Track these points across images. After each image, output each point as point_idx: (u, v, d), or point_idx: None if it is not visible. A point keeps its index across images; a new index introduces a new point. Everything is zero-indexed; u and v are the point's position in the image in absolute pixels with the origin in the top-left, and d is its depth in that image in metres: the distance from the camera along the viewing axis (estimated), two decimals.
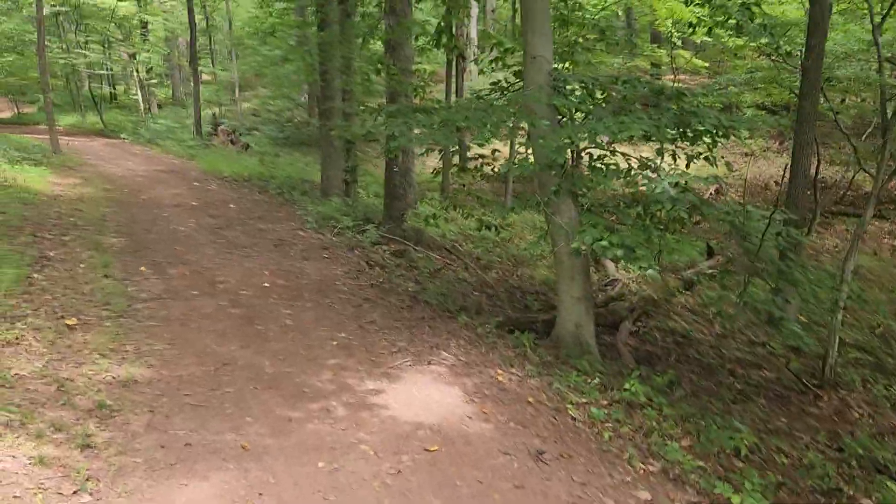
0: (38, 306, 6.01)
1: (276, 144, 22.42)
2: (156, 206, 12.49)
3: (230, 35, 25.59)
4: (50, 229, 9.67)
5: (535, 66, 6.32)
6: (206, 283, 7.76)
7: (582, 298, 6.55)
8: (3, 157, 14.83)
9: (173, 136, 23.39)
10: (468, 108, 6.54)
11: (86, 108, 31.22)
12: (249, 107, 28.13)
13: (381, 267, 9.16)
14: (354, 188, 12.82)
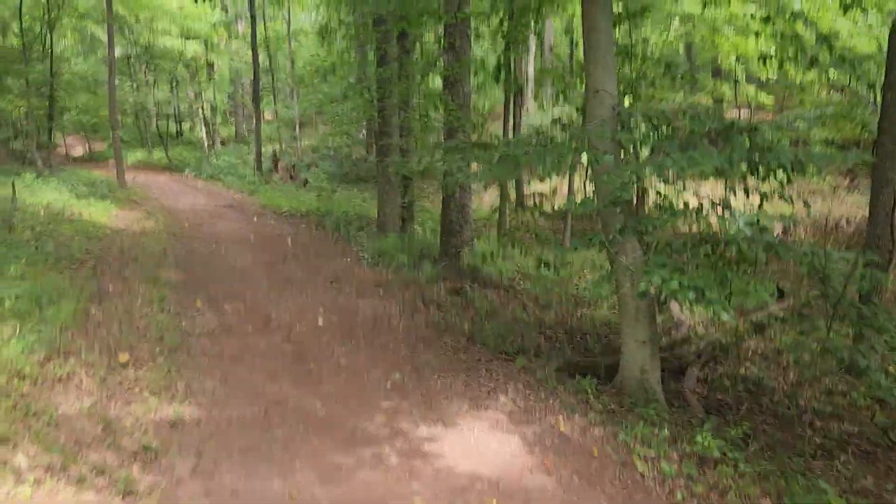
0: (93, 341, 5.99)
1: (333, 180, 22.66)
2: (214, 240, 12.65)
3: (292, 74, 26.19)
4: (111, 263, 9.82)
5: (598, 101, 6.09)
6: (260, 319, 7.69)
7: (647, 342, 6.19)
8: (71, 192, 15.33)
9: (235, 172, 23.91)
10: (528, 143, 6.35)
11: (153, 144, 32.31)
12: (309, 143, 28.63)
13: (437, 305, 8.96)
14: (411, 224, 12.73)
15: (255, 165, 23.41)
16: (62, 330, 6.02)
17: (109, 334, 6.45)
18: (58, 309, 6.47)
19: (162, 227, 13.68)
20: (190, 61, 28.87)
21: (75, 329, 6.25)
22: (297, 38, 29.47)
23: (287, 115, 29.14)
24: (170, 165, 28.33)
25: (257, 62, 23.31)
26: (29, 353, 4.99)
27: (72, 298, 7.21)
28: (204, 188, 22.05)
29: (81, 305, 7.16)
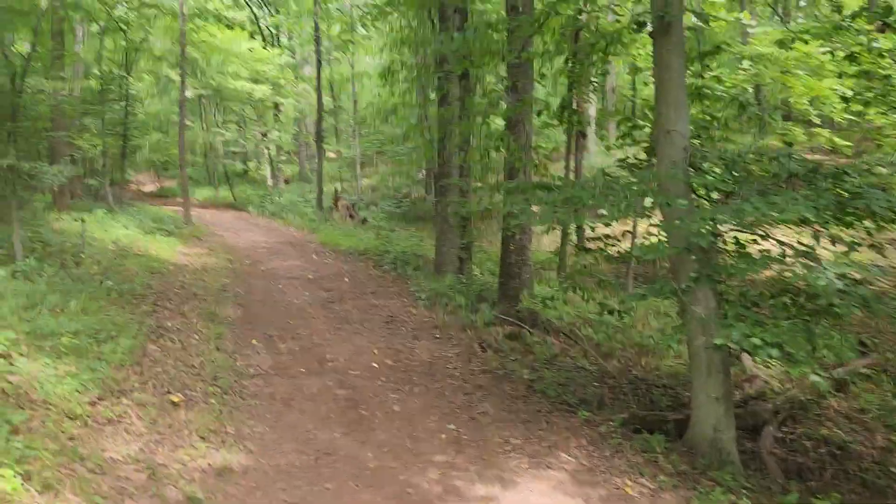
0: (147, 380, 5.93)
1: (392, 219, 22.72)
2: (273, 277, 12.69)
3: (355, 115, 26.62)
4: (171, 298, 9.89)
5: (669, 141, 5.81)
6: (314, 359, 7.55)
7: (721, 399, 5.76)
8: (139, 228, 15.72)
9: (296, 210, 24.25)
10: (594, 185, 6.09)
11: (219, 182, 33.20)
12: (369, 183, 28.96)
13: (495, 350, 8.67)
14: (468, 265, 12.52)
15: (315, 204, 23.71)
16: (118, 367, 5.98)
17: (164, 372, 6.39)
18: (116, 345, 6.45)
19: (223, 263, 13.84)
20: (257, 102, 29.70)
21: (131, 367, 6.20)
22: (361, 81, 30.09)
23: (349, 154, 29.60)
24: (234, 203, 29.00)
25: (321, 103, 23.79)
26: (82, 391, 4.93)
27: (130, 335, 7.22)
28: (266, 225, 22.40)
29: (139, 342, 7.15)
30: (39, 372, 4.86)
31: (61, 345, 5.63)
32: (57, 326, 6.09)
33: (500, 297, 10.33)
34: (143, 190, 34.87)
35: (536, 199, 6.03)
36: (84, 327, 6.59)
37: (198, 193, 33.53)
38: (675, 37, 5.78)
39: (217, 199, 31.06)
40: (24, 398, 4.45)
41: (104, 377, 5.44)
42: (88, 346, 6.09)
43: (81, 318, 6.91)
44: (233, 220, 23.86)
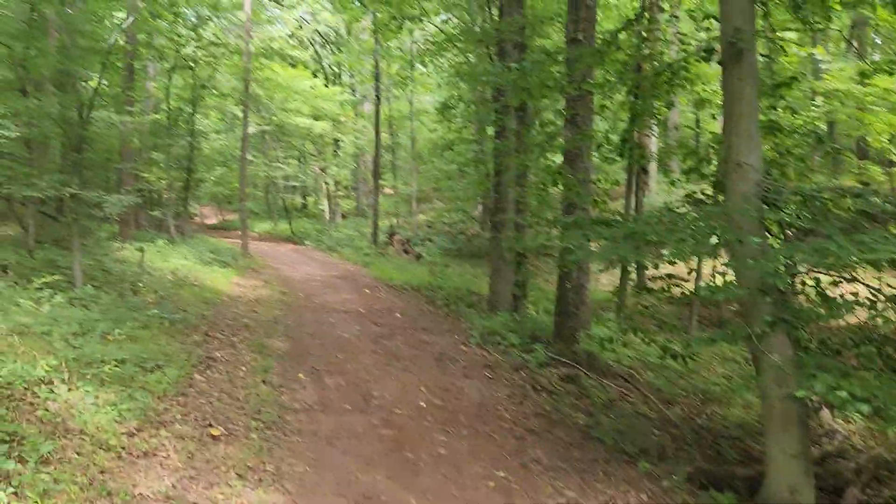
0: (189, 411, 5.78)
1: (447, 255, 22.56)
2: (325, 310, 12.59)
3: (412, 152, 26.78)
4: (223, 329, 9.85)
5: (740, 175, 5.44)
6: (360, 396, 7.31)
7: (798, 456, 5.25)
8: (197, 259, 15.93)
9: (351, 244, 24.38)
10: (658, 220, 5.74)
11: (278, 216, 33.78)
12: (425, 218, 28.96)
13: (549, 392, 8.27)
14: (523, 303, 12.18)
15: (371, 238, 23.78)
16: (161, 398, 5.86)
17: (208, 404, 6.25)
18: (161, 375, 6.36)
19: (276, 295, 13.84)
20: (317, 138, 30.25)
21: (175, 397, 6.08)
22: (419, 118, 30.37)
23: (405, 190, 29.75)
24: (292, 237, 29.40)
25: (379, 139, 24.02)
26: (120, 421, 4.80)
27: (178, 365, 7.14)
28: (321, 259, 22.52)
29: (186, 372, 7.06)
30: (79, 400, 4.76)
31: (105, 373, 5.54)
32: (104, 354, 6.03)
33: (556, 336, 9.96)
34: (206, 222, 35.79)
35: (595, 235, 5.72)
36: (132, 356, 6.52)
37: (257, 226, 34.20)
38: (746, 64, 5.45)
39: (276, 233, 31.57)
40: (60, 427, 4.34)
41: (145, 407, 5.31)
42: (133, 375, 6.00)
43: (130, 347, 6.86)
44: (289, 252, 24.10)
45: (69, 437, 4.25)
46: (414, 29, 20.79)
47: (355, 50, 28.46)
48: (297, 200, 36.95)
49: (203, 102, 24.50)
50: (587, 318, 10.04)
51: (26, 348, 5.30)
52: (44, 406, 4.46)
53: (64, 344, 5.89)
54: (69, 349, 5.76)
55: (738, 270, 5.31)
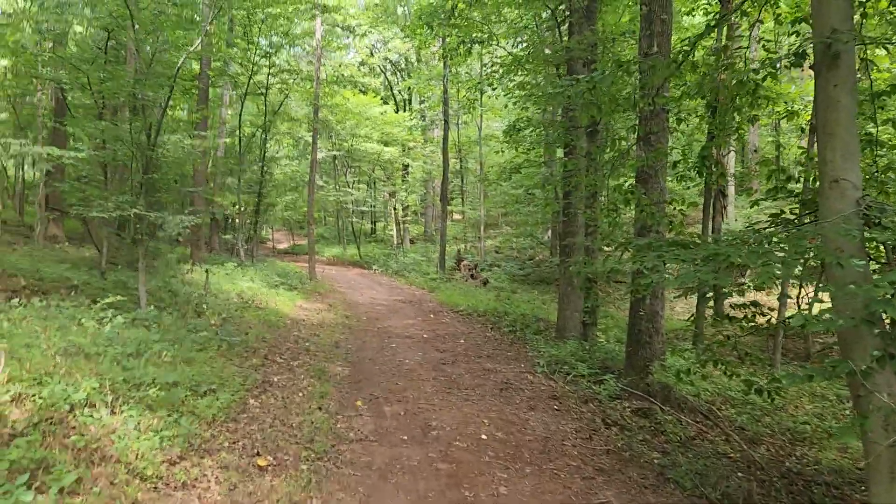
0: (238, 439, 5.54)
1: (514, 281, 22.16)
2: (388, 335, 12.35)
3: (480, 177, 26.57)
4: (283, 353, 9.70)
5: (837, 192, 4.86)
6: (418, 427, 6.95)
7: None
8: (263, 282, 16.01)
9: (418, 269, 24.25)
10: (741, 242, 5.20)
11: (347, 241, 34.12)
12: (493, 244, 28.66)
13: (620, 427, 7.72)
14: (593, 331, 11.62)
15: (438, 263, 23.58)
16: (210, 423, 5.66)
17: (259, 431, 6.02)
18: (213, 399, 6.17)
19: (340, 319, 13.71)
20: (386, 163, 30.47)
21: (225, 423, 5.87)
22: (487, 143, 30.22)
23: (474, 216, 29.55)
24: (360, 261, 29.57)
25: (447, 164, 23.89)
26: (162, 448, 4.59)
27: (233, 389, 6.97)
28: (387, 283, 22.44)
29: (240, 397, 6.88)
30: (120, 425, 4.58)
31: (153, 396, 5.38)
32: (155, 376, 5.88)
33: (628, 367, 9.37)
34: (278, 247, 36.45)
35: (672, 258, 5.23)
36: (184, 378, 6.38)
37: (326, 251, 34.60)
38: (844, 69, 4.90)
39: (345, 257, 31.83)
40: (95, 453, 4.15)
41: (190, 434, 5.10)
42: (184, 399, 5.83)
43: (184, 369, 6.72)
44: (356, 277, 24.14)
45: (103, 465, 4.05)
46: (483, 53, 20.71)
47: (425, 75, 28.56)
48: (366, 226, 37.28)
49: (275, 128, 25.02)
50: (661, 348, 9.42)
51: (74, 369, 5.19)
52: (81, 430, 4.29)
53: (114, 365, 5.78)
54: (119, 371, 5.64)
55: (836, 297, 4.72)
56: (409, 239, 33.63)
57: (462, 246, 28.46)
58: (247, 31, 18.79)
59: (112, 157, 9.88)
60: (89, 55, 10.40)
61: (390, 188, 32.03)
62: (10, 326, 5.93)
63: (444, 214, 24.21)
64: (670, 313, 14.76)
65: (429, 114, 32.67)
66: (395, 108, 32.94)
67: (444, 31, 19.95)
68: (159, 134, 9.36)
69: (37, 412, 4.20)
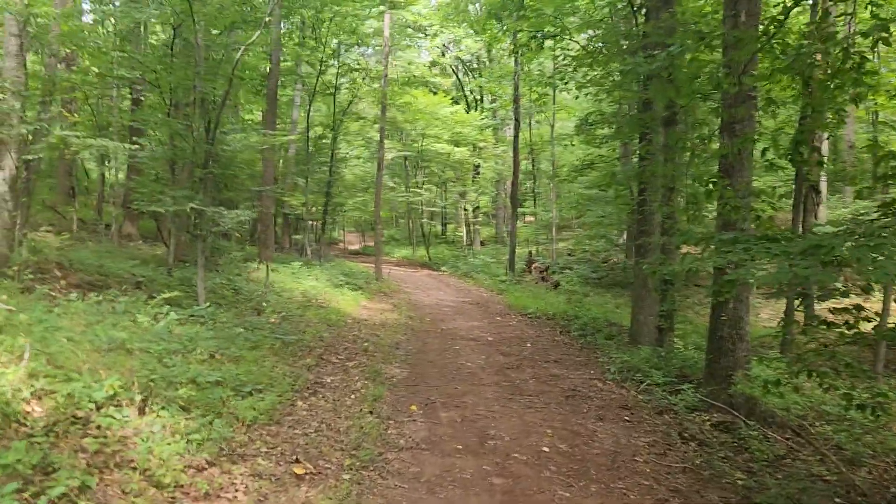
0: (278, 444, 5.17)
1: (587, 284, 21.34)
2: (451, 337, 11.88)
3: (552, 174, 25.80)
4: (339, 353, 9.37)
5: None
6: (475, 435, 6.44)
7: None
8: (328, 281, 15.84)
9: (487, 271, 23.73)
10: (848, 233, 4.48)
11: (417, 242, 33.93)
12: (565, 246, 27.85)
13: (699, 443, 6.99)
14: (669, 336, 10.80)
15: (507, 265, 22.99)
16: (249, 426, 5.31)
17: (304, 435, 5.64)
18: (257, 400, 5.84)
19: (403, 319, 13.34)
20: (456, 164, 30.09)
21: (265, 426, 5.52)
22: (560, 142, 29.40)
23: (545, 217, 28.82)
24: (429, 262, 29.29)
25: (517, 163, 23.28)
26: (189, 453, 4.24)
27: (280, 389, 6.64)
28: (455, 285, 22.02)
29: (287, 398, 6.54)
30: (146, 426, 4.26)
31: (190, 396, 5.05)
32: (198, 375, 5.59)
33: (708, 376, 8.57)
34: (349, 248, 36.63)
35: (762, 251, 4.55)
36: (229, 378, 6.08)
37: (396, 252, 34.51)
38: None
39: (414, 259, 31.66)
40: (112, 457, 3.83)
41: (224, 437, 4.75)
42: (224, 399, 5.50)
43: (230, 368, 6.44)
44: (424, 278, 23.83)
45: (117, 471, 3.71)
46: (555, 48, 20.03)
47: (496, 73, 28.03)
48: (436, 227, 37.05)
49: (345, 129, 25.01)
50: (746, 357, 8.57)
51: (109, 365, 4.93)
52: (101, 432, 3.98)
53: (155, 362, 5.50)
54: (159, 368, 5.36)
55: None
56: (479, 241, 33.15)
57: (534, 248, 27.75)
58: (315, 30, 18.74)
59: (173, 154, 9.82)
60: (158, 54, 10.38)
61: (460, 188, 31.61)
62: (54, 319, 5.75)
63: (515, 215, 23.60)
64: (755, 320, 13.73)
65: (500, 112, 32.10)
66: (467, 108, 32.52)
67: (514, 26, 19.40)
68: (218, 128, 9.19)
69: (57, 410, 3.92)
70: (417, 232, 34.23)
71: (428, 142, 29.16)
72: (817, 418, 8.17)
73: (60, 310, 6.71)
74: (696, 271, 6.61)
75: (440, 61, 34.85)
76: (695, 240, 6.60)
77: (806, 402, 8.36)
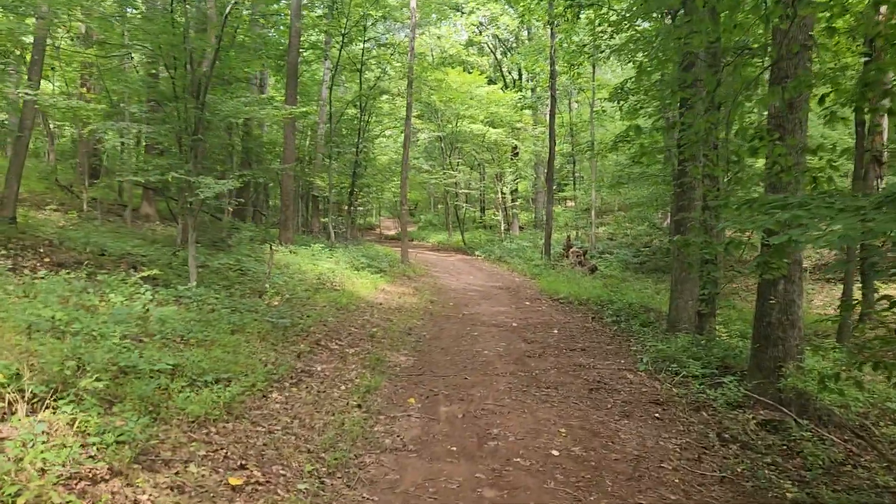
0: (224, 445, 4.34)
1: (626, 269, 20.19)
2: (471, 322, 10.98)
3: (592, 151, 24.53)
4: (341, 339, 8.56)
5: None
6: (474, 434, 5.53)
7: None
8: (349, 264, 15.06)
9: (522, 255, 22.73)
10: None
11: (454, 227, 33.04)
12: (606, 230, 26.64)
13: (741, 445, 5.95)
14: (710, 323, 9.67)
15: (543, 249, 21.92)
16: (193, 423, 4.48)
17: (265, 435, 4.81)
18: (216, 392, 5.02)
19: (422, 304, 12.48)
20: (492, 145, 29.03)
21: (214, 423, 4.69)
22: (602, 123, 28.06)
23: (584, 200, 27.60)
24: (464, 247, 28.41)
25: (553, 139, 22.11)
26: (85, 461, 3.40)
27: (256, 378, 5.82)
28: (487, 269, 21.09)
29: (260, 388, 5.72)
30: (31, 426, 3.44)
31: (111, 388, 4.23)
32: (142, 361, 4.79)
33: (753, 368, 7.48)
34: (386, 233, 35.93)
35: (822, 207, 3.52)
36: (188, 365, 5.29)
37: (432, 237, 33.69)
38: None
39: (449, 243, 30.83)
40: None
41: (152, 438, 3.94)
42: (165, 390, 4.70)
43: (195, 354, 5.64)
44: (456, 262, 22.95)
45: None
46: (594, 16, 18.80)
47: (532, 49, 26.80)
48: (474, 213, 36.08)
49: (377, 109, 24.18)
50: (798, 346, 7.43)
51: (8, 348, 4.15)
52: None
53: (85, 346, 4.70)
54: (90, 352, 4.56)
55: None
56: (517, 225, 32.07)
57: (573, 233, 26.58)
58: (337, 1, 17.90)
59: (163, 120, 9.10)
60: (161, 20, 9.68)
61: (496, 170, 30.52)
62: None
63: (550, 195, 22.45)
64: (807, 307, 12.48)
65: (538, 89, 30.85)
66: (504, 88, 31.34)
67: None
68: (208, 92, 8.41)
69: None
70: (454, 217, 33.35)
71: (463, 123, 28.16)
72: (882, 417, 7.01)
73: (14, 287, 6.01)
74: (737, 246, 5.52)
75: (477, 39, 33.72)
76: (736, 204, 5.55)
77: (868, 398, 7.20)
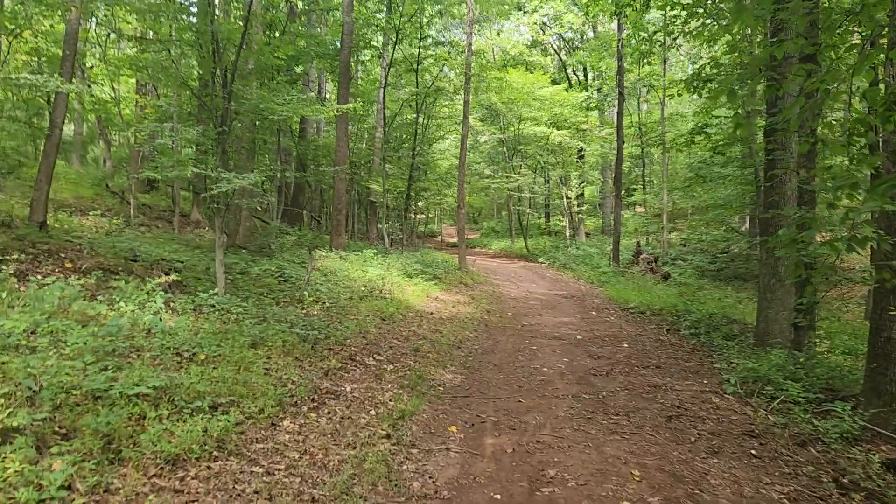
0: (202, 495, 3.43)
1: (702, 276, 18.66)
2: (531, 334, 9.90)
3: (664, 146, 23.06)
4: (380, 353, 7.62)
5: None
6: (524, 476, 4.48)
7: None
8: (401, 271, 14.20)
9: (588, 262, 21.45)
10: None
11: (517, 233, 31.94)
12: (679, 236, 25.04)
13: (867, 495, 4.69)
14: (809, 337, 8.29)
15: (611, 255, 20.59)
16: (167, 464, 3.60)
17: (264, 475, 3.90)
18: (209, 422, 4.14)
19: (478, 314, 11.46)
20: (556, 147, 27.82)
21: (206, 461, 3.80)
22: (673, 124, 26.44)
23: (656, 204, 26.06)
24: (527, 254, 27.29)
25: (621, 139, 20.80)
26: None
27: (266, 402, 4.93)
28: (551, 276, 19.90)
29: (269, 413, 4.82)
30: None
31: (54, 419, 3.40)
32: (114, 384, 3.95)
33: (870, 392, 6.16)
34: (448, 240, 35.09)
35: None
36: (180, 387, 4.43)
37: (494, 244, 32.66)
38: None
39: (512, 250, 29.79)
40: None
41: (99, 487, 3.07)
42: (150, 421, 3.84)
43: (194, 372, 4.79)
44: (518, 269, 21.85)
45: None
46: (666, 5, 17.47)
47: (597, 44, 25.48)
48: (539, 219, 34.86)
49: (436, 112, 23.36)
50: None
51: None
52: None
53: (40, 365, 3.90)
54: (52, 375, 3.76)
55: None
56: (584, 231, 30.68)
57: (643, 239, 25.08)
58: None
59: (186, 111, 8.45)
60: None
61: (561, 172, 29.23)
62: None
63: (618, 197, 21.11)
64: None
65: (604, 88, 29.43)
66: (568, 89, 30.06)
67: None
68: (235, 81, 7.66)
69: None
70: (517, 223, 32.24)
71: (525, 125, 27.05)
72: None
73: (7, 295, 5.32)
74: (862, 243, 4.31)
75: (540, 39, 32.57)
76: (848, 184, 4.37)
77: None
